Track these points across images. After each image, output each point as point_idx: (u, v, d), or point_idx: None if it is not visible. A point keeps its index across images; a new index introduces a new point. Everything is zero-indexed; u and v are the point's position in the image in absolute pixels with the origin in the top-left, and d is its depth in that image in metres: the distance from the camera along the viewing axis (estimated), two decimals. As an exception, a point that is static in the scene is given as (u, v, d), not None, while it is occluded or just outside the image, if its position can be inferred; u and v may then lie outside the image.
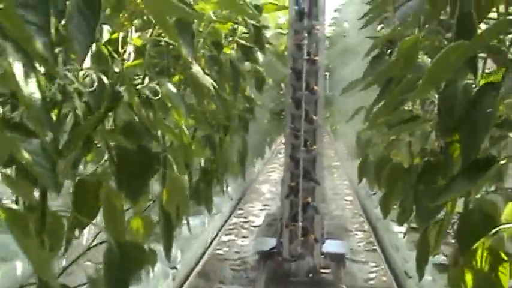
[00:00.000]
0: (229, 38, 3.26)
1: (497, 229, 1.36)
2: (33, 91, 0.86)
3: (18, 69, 0.85)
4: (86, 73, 1.55)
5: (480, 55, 1.49)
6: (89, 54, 1.58)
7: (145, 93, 1.87)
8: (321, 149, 3.89)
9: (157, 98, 1.88)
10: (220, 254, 4.64)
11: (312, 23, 3.75)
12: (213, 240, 4.90)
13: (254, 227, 5.50)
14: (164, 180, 2.02)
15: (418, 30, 1.92)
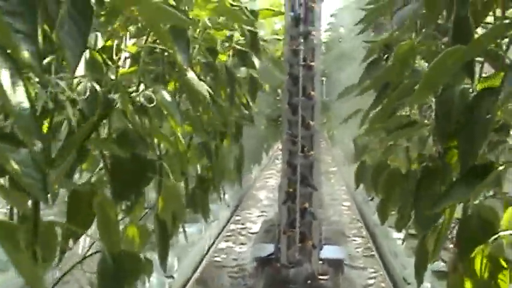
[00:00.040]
0: (226, 44, 3.25)
1: (496, 236, 1.34)
2: (21, 100, 0.84)
3: (5, 78, 0.83)
4: (79, 81, 1.53)
5: (477, 59, 1.48)
6: (82, 61, 1.57)
7: (140, 101, 1.86)
8: (318, 154, 3.87)
9: (152, 105, 1.86)
10: (217, 261, 4.62)
11: (308, 28, 3.73)
12: (210, 247, 4.88)
13: (252, 233, 5.48)
14: (160, 188, 2.00)
15: (415, 35, 1.92)
